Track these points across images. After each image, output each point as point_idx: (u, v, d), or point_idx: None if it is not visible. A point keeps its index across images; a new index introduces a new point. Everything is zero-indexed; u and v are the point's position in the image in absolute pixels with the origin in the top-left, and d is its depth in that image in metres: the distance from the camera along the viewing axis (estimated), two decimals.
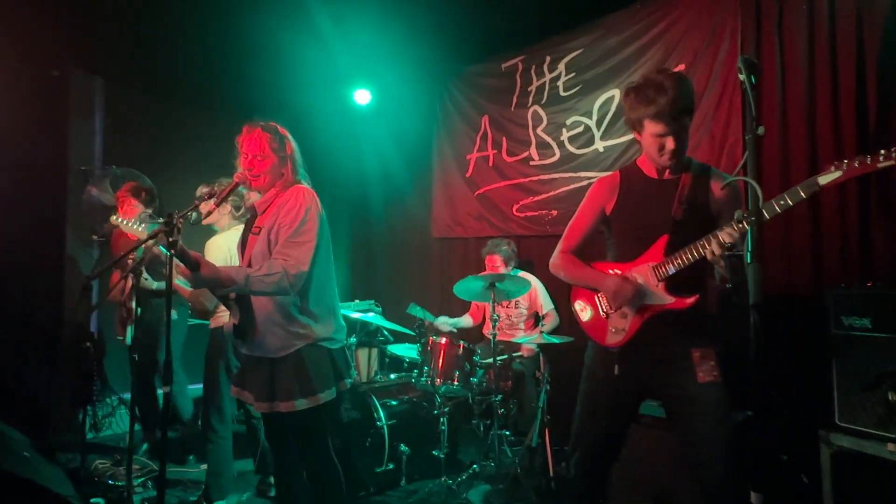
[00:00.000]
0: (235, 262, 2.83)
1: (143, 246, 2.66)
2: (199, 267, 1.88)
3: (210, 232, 3.10)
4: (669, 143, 1.81)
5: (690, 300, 1.81)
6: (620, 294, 1.89)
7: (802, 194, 1.55)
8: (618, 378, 1.95)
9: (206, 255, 2.54)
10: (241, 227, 2.98)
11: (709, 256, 1.71)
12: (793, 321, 2.91)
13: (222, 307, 2.91)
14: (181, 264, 1.89)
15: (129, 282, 3.01)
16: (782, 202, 1.59)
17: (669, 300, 1.84)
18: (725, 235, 1.65)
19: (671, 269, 1.82)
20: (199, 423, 3.06)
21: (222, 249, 2.87)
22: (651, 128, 1.82)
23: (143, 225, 2.90)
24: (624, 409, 2.02)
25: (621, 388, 1.98)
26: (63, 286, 4.27)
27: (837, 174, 1.52)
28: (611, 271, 1.98)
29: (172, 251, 1.81)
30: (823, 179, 1.54)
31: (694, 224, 1.82)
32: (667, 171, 1.92)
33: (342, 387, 2.19)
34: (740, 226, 1.63)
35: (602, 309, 2.02)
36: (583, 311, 2.10)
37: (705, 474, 1.78)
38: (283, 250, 2.04)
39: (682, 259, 1.79)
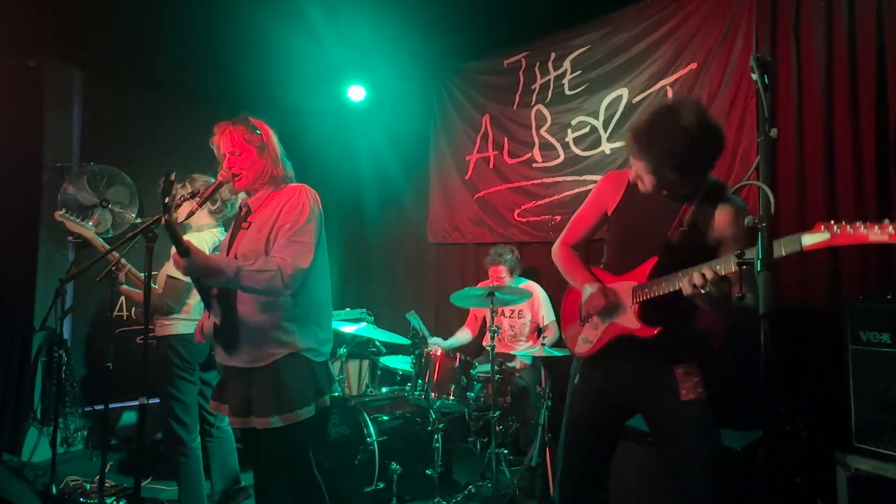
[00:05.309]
0: None
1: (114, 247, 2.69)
2: (190, 253, 1.89)
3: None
4: (647, 178, 1.82)
5: (653, 331, 1.83)
6: (590, 303, 1.96)
7: (783, 252, 1.47)
8: (581, 387, 2.04)
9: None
10: (216, 228, 3.02)
11: (683, 292, 1.70)
12: (807, 335, 2.92)
13: (171, 316, 2.93)
14: (173, 249, 1.90)
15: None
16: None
17: (636, 325, 1.87)
18: (697, 277, 1.64)
19: (648, 296, 1.84)
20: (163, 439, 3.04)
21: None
22: (632, 161, 1.84)
23: (90, 222, 3.05)
24: (603, 422, 2.05)
25: (595, 398, 2.03)
26: (35, 289, 4.26)
27: (825, 237, 1.40)
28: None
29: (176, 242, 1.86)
30: (808, 240, 1.42)
31: (690, 252, 1.83)
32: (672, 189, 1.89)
33: (322, 403, 2.18)
34: (718, 268, 1.62)
35: (581, 315, 2.08)
36: (566, 313, 2.17)
37: (688, 495, 1.81)
38: (281, 248, 2.05)
39: (660, 288, 1.81)
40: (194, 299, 2.96)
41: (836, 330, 2.52)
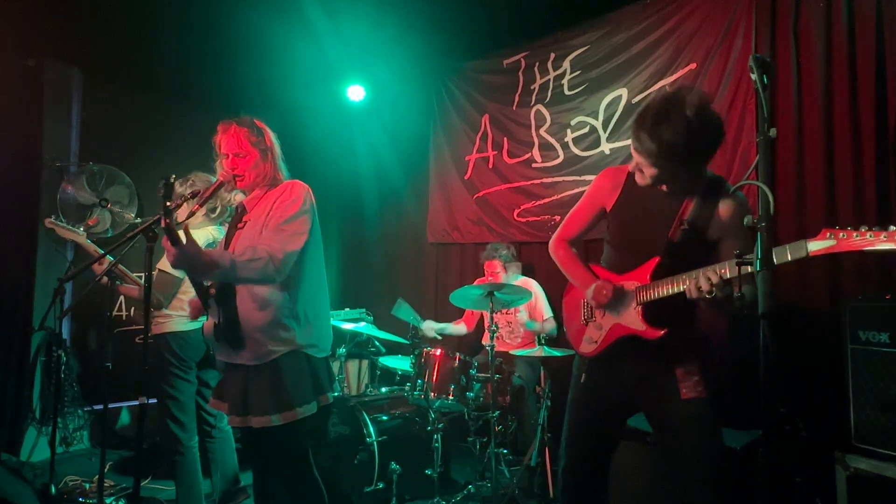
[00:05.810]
0: None
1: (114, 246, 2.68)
2: (180, 242, 1.86)
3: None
4: (647, 171, 1.79)
5: (659, 333, 1.82)
6: (597, 294, 1.95)
7: (789, 257, 1.49)
8: (587, 385, 2.04)
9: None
10: (212, 227, 3.01)
11: (687, 295, 1.70)
12: (806, 334, 2.92)
13: (164, 311, 2.91)
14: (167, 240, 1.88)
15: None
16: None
17: (641, 327, 1.87)
18: (703, 281, 1.64)
19: (652, 297, 1.83)
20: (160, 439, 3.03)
21: None
22: (633, 153, 1.81)
23: (80, 227, 3.05)
24: (606, 420, 2.05)
25: (599, 396, 2.03)
26: (34, 289, 4.26)
27: (830, 243, 1.42)
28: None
29: (171, 233, 1.83)
30: (814, 246, 1.44)
31: (691, 250, 1.82)
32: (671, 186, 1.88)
33: (324, 401, 2.16)
34: (722, 272, 1.62)
35: (583, 315, 2.08)
36: (568, 312, 2.18)
37: (689, 492, 1.81)
38: (269, 236, 2.04)
39: (663, 289, 1.80)
40: (186, 295, 2.94)
41: (836, 329, 2.52)
